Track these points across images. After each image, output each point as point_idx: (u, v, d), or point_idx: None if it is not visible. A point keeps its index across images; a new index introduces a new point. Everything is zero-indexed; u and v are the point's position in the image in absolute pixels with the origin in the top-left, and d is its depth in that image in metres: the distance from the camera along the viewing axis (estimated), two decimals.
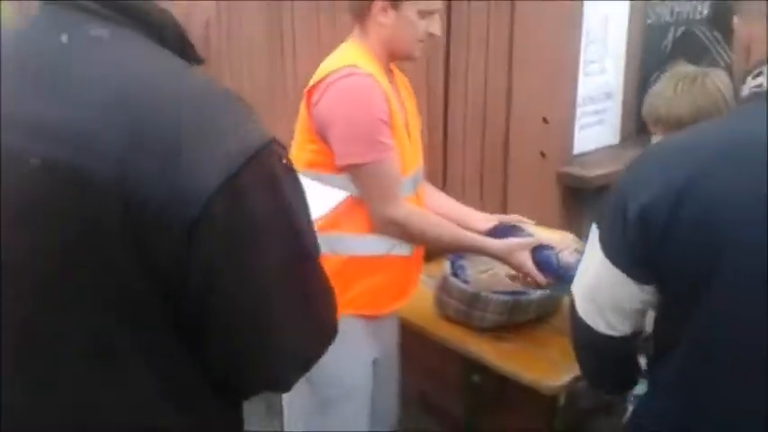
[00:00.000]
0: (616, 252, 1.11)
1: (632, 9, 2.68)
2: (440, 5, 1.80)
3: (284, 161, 0.89)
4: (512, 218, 2.08)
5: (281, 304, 0.90)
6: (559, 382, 1.84)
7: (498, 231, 1.99)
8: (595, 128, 2.66)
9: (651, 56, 2.80)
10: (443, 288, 2.13)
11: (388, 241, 1.82)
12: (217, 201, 0.80)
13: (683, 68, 1.85)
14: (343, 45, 1.82)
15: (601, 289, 1.17)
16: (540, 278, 1.86)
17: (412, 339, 2.34)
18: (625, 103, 2.76)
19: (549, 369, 1.89)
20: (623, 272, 1.11)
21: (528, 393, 1.97)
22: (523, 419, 2.45)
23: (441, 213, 1.97)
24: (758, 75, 1.07)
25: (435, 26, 1.79)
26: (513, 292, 2.08)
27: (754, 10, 1.11)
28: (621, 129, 2.77)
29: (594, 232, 1.17)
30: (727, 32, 2.55)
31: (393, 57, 1.82)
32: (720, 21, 2.64)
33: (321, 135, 1.74)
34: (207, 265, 0.82)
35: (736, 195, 1.00)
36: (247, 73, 3.62)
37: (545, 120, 2.40)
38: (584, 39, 2.47)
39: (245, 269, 0.85)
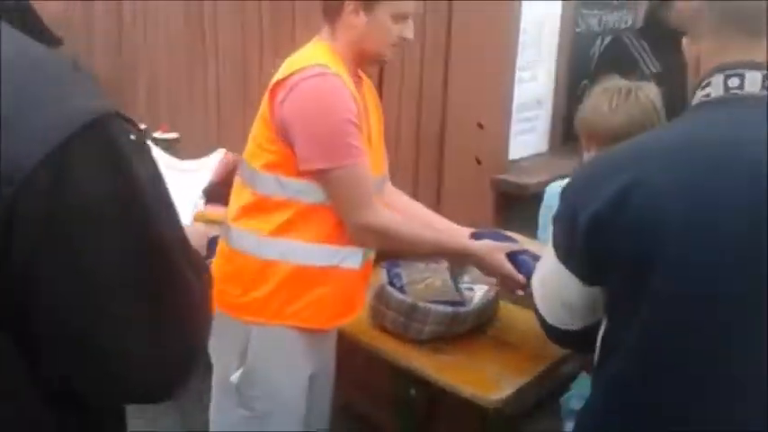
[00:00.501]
0: (566, 255, 1.18)
1: (563, 17, 2.70)
2: (413, 9, 1.73)
3: (133, 137, 0.79)
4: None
5: (121, 304, 0.78)
6: (498, 396, 1.80)
7: (476, 237, 1.95)
8: (526, 135, 2.66)
9: (580, 64, 2.83)
10: (380, 298, 2.06)
11: (338, 252, 1.74)
12: (38, 177, 0.70)
13: (615, 82, 1.88)
14: (311, 44, 1.75)
15: (552, 287, 1.27)
16: (521, 278, 1.83)
17: (341, 349, 2.26)
18: (555, 110, 2.78)
19: (488, 382, 1.85)
20: (573, 273, 1.18)
21: (463, 406, 1.94)
22: (456, 429, 2.43)
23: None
24: (706, 86, 1.14)
25: (408, 30, 1.73)
26: (452, 303, 2.04)
27: (700, 28, 1.20)
28: (551, 137, 2.79)
29: (551, 234, 1.24)
30: (655, 42, 2.61)
31: (362, 59, 1.76)
32: (648, 31, 2.69)
33: (283, 136, 1.63)
34: (27, 253, 0.71)
35: (673, 197, 1.04)
36: (166, 69, 3.45)
37: (480, 125, 2.37)
38: (519, 44, 2.46)
39: (72, 259, 0.74)
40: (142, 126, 3.39)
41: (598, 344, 1.25)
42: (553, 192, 2.06)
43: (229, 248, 1.77)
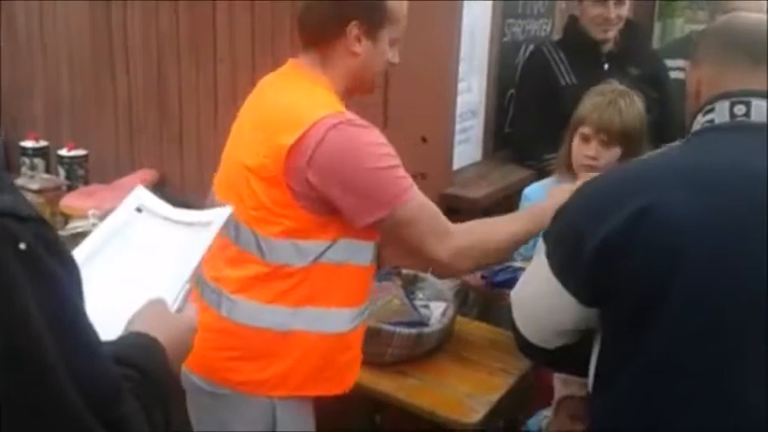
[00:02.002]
0: (566, 274, 1.16)
1: (492, 28, 2.71)
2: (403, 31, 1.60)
3: (23, 246, 0.63)
4: None
5: None
6: (474, 419, 1.78)
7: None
8: (462, 146, 2.66)
9: (507, 74, 2.87)
10: None
11: (361, 313, 1.63)
12: None
13: (613, 84, 1.99)
14: (305, 84, 1.53)
15: (541, 305, 1.24)
16: None
17: None
18: (487, 119, 2.79)
19: (459, 404, 1.82)
20: (571, 293, 1.16)
21: (431, 430, 1.90)
22: None
23: None
24: (709, 111, 1.15)
25: (396, 55, 1.60)
26: (413, 324, 1.99)
27: (704, 54, 1.22)
28: (483, 146, 2.80)
29: (542, 248, 1.21)
30: (572, 55, 2.67)
31: (354, 90, 1.60)
32: (566, 43, 2.75)
33: (311, 199, 1.44)
34: None
35: (688, 222, 1.05)
36: (68, 83, 3.19)
37: (424, 139, 2.34)
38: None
39: None
40: (43, 143, 3.14)
41: (592, 371, 1.24)
42: (532, 196, 2.03)
43: (232, 323, 1.55)
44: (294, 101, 1.51)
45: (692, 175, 1.09)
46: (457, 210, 2.38)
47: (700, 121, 1.16)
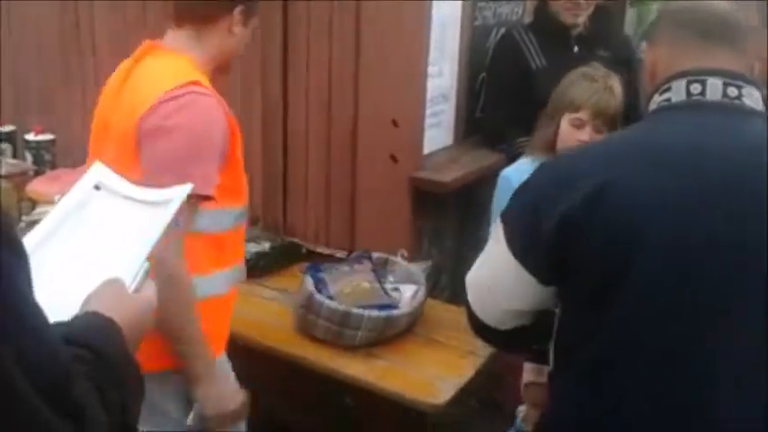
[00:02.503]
0: (526, 252, 1.15)
1: (464, 12, 2.70)
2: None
3: None
4: None
5: None
6: (440, 400, 1.79)
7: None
8: (434, 130, 2.65)
9: (478, 58, 2.86)
10: (308, 307, 1.99)
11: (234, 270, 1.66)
12: None
13: (593, 68, 2.02)
14: (167, 57, 1.54)
15: (499, 285, 1.22)
16: None
17: (263, 363, 2.16)
18: (458, 104, 2.79)
19: (428, 386, 1.84)
20: (530, 272, 1.16)
21: (402, 411, 1.91)
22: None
23: None
24: (665, 90, 1.16)
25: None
26: (383, 306, 2.00)
27: (658, 36, 1.23)
28: (455, 130, 2.80)
29: (499, 229, 1.20)
30: (542, 38, 2.68)
31: (221, 70, 1.64)
32: (536, 26, 2.75)
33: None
34: None
35: (648, 200, 1.06)
36: (35, 68, 3.13)
37: (395, 122, 2.34)
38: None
39: None
40: (9, 127, 3.09)
41: (551, 353, 1.24)
42: (513, 177, 1.98)
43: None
44: (158, 73, 1.51)
45: (651, 154, 1.10)
46: (426, 192, 2.38)
47: (656, 100, 1.16)
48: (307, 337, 2.02)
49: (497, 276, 1.22)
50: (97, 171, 0.95)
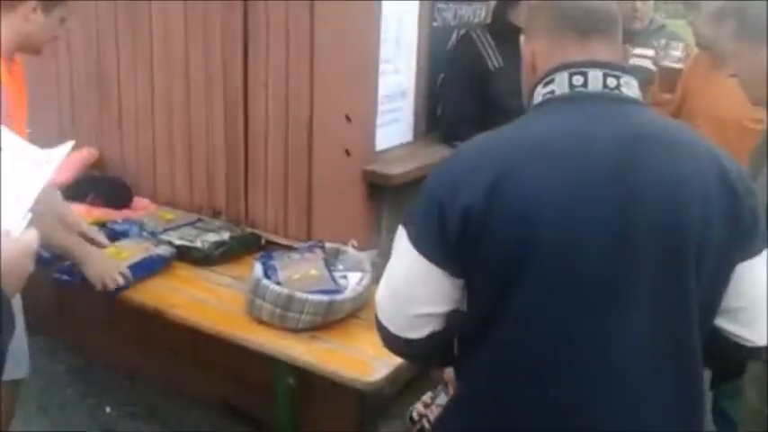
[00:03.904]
0: (432, 248, 1.16)
1: (421, 12, 2.80)
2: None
3: None
4: None
5: None
6: (374, 378, 1.88)
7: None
8: (392, 126, 2.75)
9: (438, 57, 2.96)
10: (255, 291, 2.08)
11: None
12: None
13: None
14: None
15: (408, 288, 1.21)
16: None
17: (214, 344, 2.25)
18: (417, 101, 2.89)
19: (364, 365, 1.93)
20: (439, 267, 1.16)
21: (336, 387, 2.00)
22: (335, 413, 2.49)
23: None
24: (549, 83, 1.20)
25: (63, 30, 2.12)
26: (327, 291, 2.09)
27: (535, 28, 1.27)
28: (415, 126, 2.90)
29: (402, 234, 1.21)
30: (499, 39, 2.77)
31: (23, 48, 2.02)
32: (494, 27, 2.84)
33: None
34: None
35: (540, 189, 1.10)
36: None
37: (348, 118, 2.43)
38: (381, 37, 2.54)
39: None
40: None
41: (456, 340, 1.27)
42: None
43: None
44: None
45: (542, 146, 1.14)
46: (378, 185, 2.48)
47: (540, 92, 1.21)
48: (254, 321, 2.10)
49: (407, 280, 1.21)
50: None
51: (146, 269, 2.32)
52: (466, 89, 2.82)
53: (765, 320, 1.21)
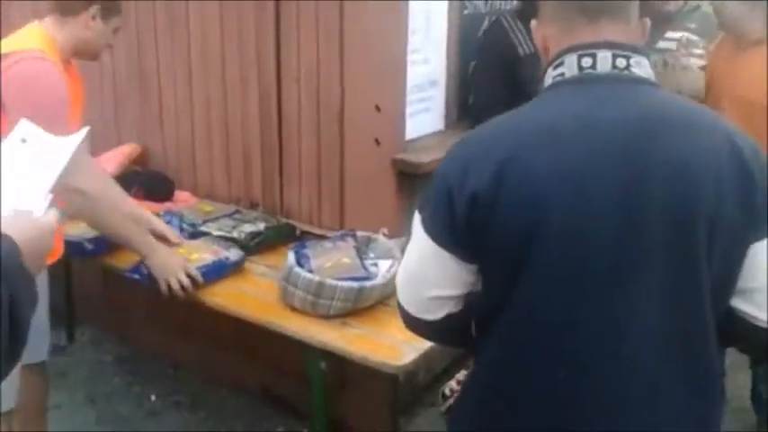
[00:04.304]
0: (442, 234, 1.18)
1: (450, 2, 2.82)
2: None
3: None
4: None
5: None
6: (402, 362, 1.92)
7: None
8: (422, 115, 2.78)
9: (469, 46, 2.97)
10: (288, 279, 2.14)
11: None
12: None
13: None
14: (29, 28, 2.07)
15: (423, 272, 1.24)
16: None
17: (253, 334, 2.32)
18: (448, 90, 2.90)
19: (394, 350, 1.96)
20: (449, 252, 1.18)
21: (371, 375, 2.04)
22: (370, 401, 2.54)
23: None
24: (558, 65, 1.21)
25: (115, 38, 2.25)
26: (356, 278, 2.13)
27: (545, 13, 1.27)
28: (446, 115, 2.91)
29: (417, 220, 1.23)
30: (530, 24, 2.77)
31: (78, 54, 2.14)
32: (524, 13, 2.84)
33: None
34: None
35: (548, 173, 1.11)
36: None
37: (377, 108, 2.47)
38: (409, 29, 2.56)
39: None
40: None
41: (473, 323, 1.28)
42: None
43: None
44: (14, 36, 2.05)
45: (549, 129, 1.15)
46: (408, 174, 2.51)
47: (551, 74, 1.21)
48: (287, 308, 2.16)
49: (420, 264, 1.24)
50: (22, 127, 1.11)
51: (215, 273, 2.29)
52: (496, 76, 2.83)
53: None
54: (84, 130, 1.15)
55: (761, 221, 1.14)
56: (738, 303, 1.19)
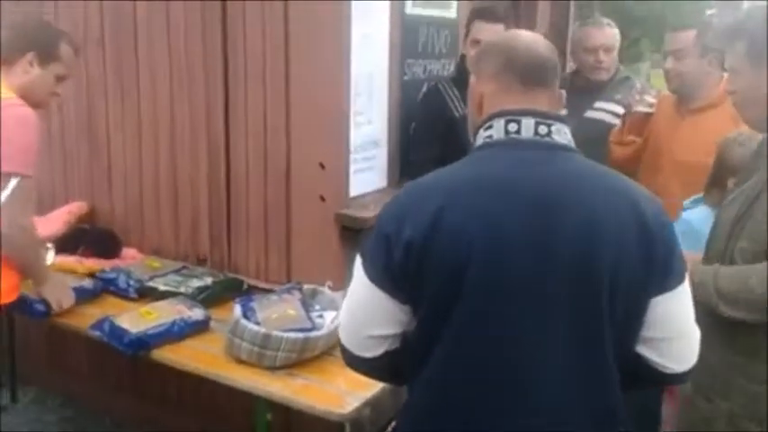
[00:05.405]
0: (380, 277, 1.30)
1: (391, 68, 2.99)
2: (72, 71, 2.42)
3: None
4: None
5: None
6: (347, 410, 1.98)
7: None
8: (366, 173, 2.91)
9: (409, 108, 3.14)
10: (234, 332, 2.19)
11: None
12: None
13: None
14: None
15: (362, 311, 1.36)
16: None
17: (198, 387, 2.35)
18: (390, 149, 3.05)
19: (339, 399, 2.03)
20: (386, 293, 1.31)
21: (318, 425, 2.09)
22: None
23: None
24: (489, 127, 1.35)
25: (59, 87, 2.37)
26: (302, 329, 2.20)
27: (485, 71, 1.40)
28: (389, 173, 3.05)
29: (358, 264, 1.35)
30: (464, 89, 2.95)
31: (26, 101, 2.23)
32: (458, 79, 3.03)
33: None
34: None
35: (474, 220, 1.24)
36: None
37: (322, 165, 2.59)
38: (352, 91, 2.71)
39: None
40: None
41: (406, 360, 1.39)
42: (691, 220, 2.21)
43: None
44: None
45: (478, 183, 1.29)
46: (352, 229, 2.62)
47: (482, 135, 1.35)
48: (234, 360, 2.21)
49: (360, 305, 1.36)
50: None
51: (170, 334, 2.32)
52: (433, 135, 2.99)
53: (683, 349, 1.34)
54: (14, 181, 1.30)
55: (661, 277, 1.28)
56: (643, 351, 1.33)
